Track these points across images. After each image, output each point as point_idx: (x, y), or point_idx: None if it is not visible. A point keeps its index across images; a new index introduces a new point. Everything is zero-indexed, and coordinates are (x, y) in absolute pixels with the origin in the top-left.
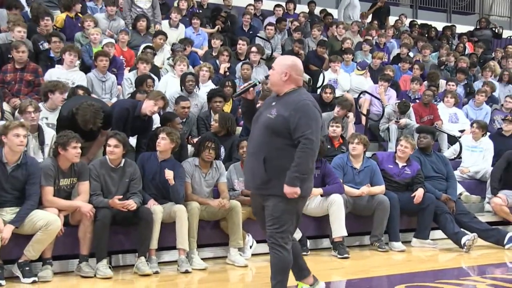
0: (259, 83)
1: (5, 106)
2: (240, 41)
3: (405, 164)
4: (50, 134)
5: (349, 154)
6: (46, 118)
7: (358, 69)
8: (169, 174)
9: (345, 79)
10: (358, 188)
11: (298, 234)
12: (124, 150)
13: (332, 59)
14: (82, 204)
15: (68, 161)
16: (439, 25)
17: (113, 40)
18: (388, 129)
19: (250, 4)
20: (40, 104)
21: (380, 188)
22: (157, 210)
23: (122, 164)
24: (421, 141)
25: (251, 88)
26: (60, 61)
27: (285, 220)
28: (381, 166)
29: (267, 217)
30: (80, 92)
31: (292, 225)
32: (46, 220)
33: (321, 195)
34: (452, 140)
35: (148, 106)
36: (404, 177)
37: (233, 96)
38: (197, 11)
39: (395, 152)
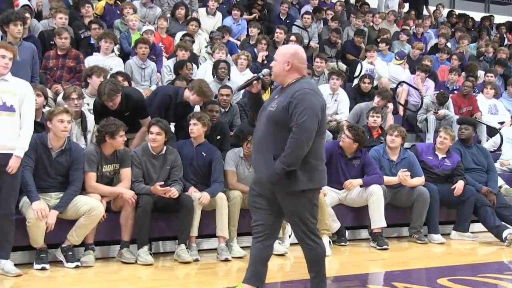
0: (263, 76)
1: (47, 92)
2: (277, 30)
3: (444, 155)
4: (92, 120)
5: (386, 146)
6: (88, 104)
7: (397, 59)
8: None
9: (383, 69)
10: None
11: (336, 224)
12: (166, 138)
13: (368, 48)
14: (124, 191)
15: (113, 148)
16: (477, 15)
17: (152, 28)
18: (426, 120)
19: None
20: (83, 90)
21: (419, 180)
22: (198, 197)
23: (163, 152)
24: (462, 132)
25: (255, 81)
26: (100, 48)
27: (306, 215)
28: (420, 157)
29: (288, 216)
30: (120, 78)
31: (315, 217)
32: (90, 206)
33: (360, 186)
34: (492, 132)
35: (193, 100)
36: (443, 169)
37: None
38: (235, 0)
39: (435, 143)
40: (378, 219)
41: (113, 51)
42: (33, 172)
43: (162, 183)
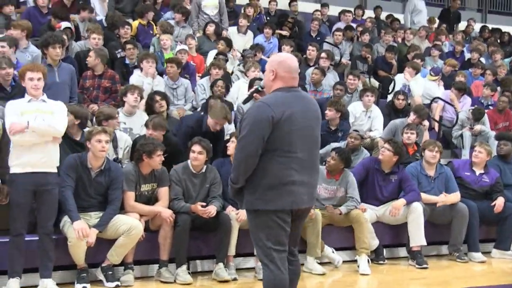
0: (261, 88)
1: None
2: (310, 47)
3: (482, 171)
4: (123, 138)
5: (423, 162)
6: (124, 123)
7: (432, 75)
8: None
9: (418, 85)
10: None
11: (375, 242)
12: (207, 157)
13: (407, 65)
14: (162, 210)
15: (151, 167)
16: (510, 30)
17: (186, 47)
18: (461, 136)
19: (317, 10)
20: (119, 110)
21: (456, 196)
22: (235, 216)
23: (203, 170)
24: (501, 148)
25: (256, 94)
26: (135, 68)
27: (260, 236)
28: (458, 173)
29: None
30: (158, 98)
31: (272, 241)
32: (129, 225)
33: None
34: None
35: (211, 124)
36: (481, 185)
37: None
38: (265, 18)
39: (471, 159)
40: (417, 237)
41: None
42: (73, 192)
43: (204, 204)
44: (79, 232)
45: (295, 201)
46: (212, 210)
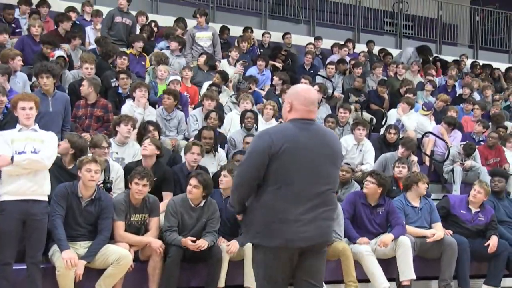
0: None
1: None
2: (302, 79)
3: (478, 209)
4: (115, 168)
5: (407, 194)
6: (116, 153)
7: (424, 109)
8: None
9: (411, 120)
10: (424, 228)
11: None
12: (204, 192)
13: (401, 100)
14: (152, 240)
15: (137, 195)
16: (501, 66)
17: (179, 78)
18: (452, 171)
19: (310, 43)
20: (111, 139)
21: (439, 227)
22: (226, 247)
23: (202, 204)
24: (495, 184)
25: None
26: (128, 97)
27: (257, 272)
28: (453, 211)
29: None
30: (151, 128)
31: (267, 280)
32: (118, 255)
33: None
34: None
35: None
36: (477, 223)
37: None
38: (258, 50)
39: (468, 195)
40: (406, 271)
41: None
42: (63, 221)
43: (194, 238)
44: (68, 261)
45: (292, 239)
46: (202, 244)
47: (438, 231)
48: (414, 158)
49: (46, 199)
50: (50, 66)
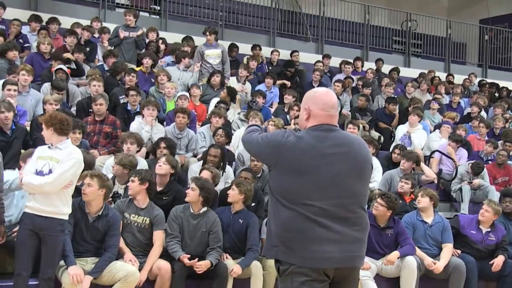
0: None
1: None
2: None
3: (489, 229)
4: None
5: (419, 209)
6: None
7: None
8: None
9: (420, 136)
10: (431, 246)
11: None
12: (202, 196)
13: (411, 112)
14: (162, 266)
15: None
16: (509, 85)
17: (187, 94)
18: (460, 189)
19: (318, 61)
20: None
21: (449, 250)
22: (231, 264)
23: (201, 211)
24: (506, 205)
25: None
26: (137, 114)
27: None
28: (463, 231)
29: None
30: (163, 145)
31: None
32: (126, 272)
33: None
34: None
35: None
36: (487, 244)
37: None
38: (267, 68)
39: (478, 215)
40: None
41: (157, 118)
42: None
43: (189, 256)
44: (74, 277)
45: (312, 258)
46: (202, 266)
47: (444, 257)
48: (424, 167)
49: (63, 217)
50: (80, 123)
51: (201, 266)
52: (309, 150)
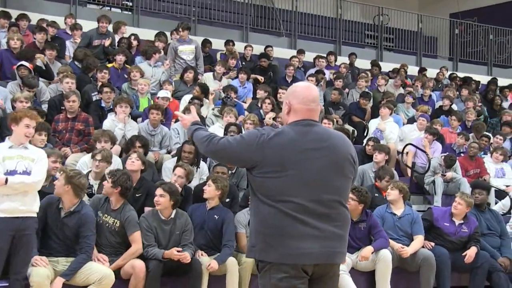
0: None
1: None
2: (280, 90)
3: (462, 221)
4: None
5: (388, 201)
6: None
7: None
8: None
9: (393, 129)
10: (400, 237)
11: None
12: (172, 200)
13: (382, 106)
14: (136, 265)
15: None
16: (480, 78)
17: (168, 94)
18: (433, 182)
19: (294, 56)
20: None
21: (419, 241)
22: (206, 261)
23: (172, 216)
24: (476, 197)
25: None
26: (111, 111)
27: None
28: (437, 223)
29: None
30: (138, 144)
31: None
32: (101, 274)
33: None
34: (499, 195)
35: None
36: (460, 235)
37: None
38: (240, 63)
39: (451, 208)
40: (384, 286)
41: (130, 115)
42: (39, 234)
43: (180, 249)
44: (39, 260)
45: (291, 254)
46: (187, 256)
47: (412, 245)
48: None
49: (35, 215)
50: (46, 125)
51: (186, 256)
52: (290, 146)
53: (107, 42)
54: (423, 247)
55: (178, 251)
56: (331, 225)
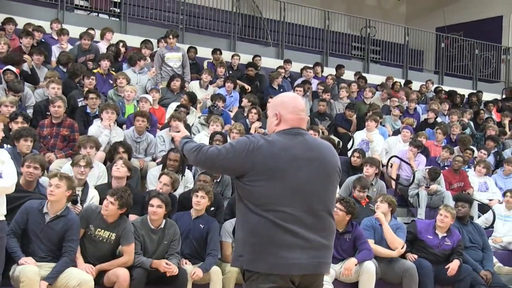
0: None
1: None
2: (269, 99)
3: (445, 234)
4: (92, 194)
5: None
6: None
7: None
8: None
9: (378, 141)
10: (388, 247)
11: None
12: (166, 211)
13: (368, 118)
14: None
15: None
16: (465, 92)
17: (148, 96)
18: (417, 195)
19: (280, 66)
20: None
21: (399, 243)
22: (190, 269)
23: (162, 226)
24: (459, 210)
25: None
26: (96, 117)
27: None
28: (420, 236)
29: None
30: (121, 149)
31: None
32: (79, 280)
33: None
34: (482, 208)
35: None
36: (444, 249)
37: None
38: (227, 72)
39: (435, 220)
40: None
41: (116, 121)
42: (20, 238)
43: (170, 263)
44: (26, 260)
45: (279, 264)
46: (176, 270)
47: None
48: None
49: (3, 218)
50: (32, 131)
51: (172, 270)
52: (280, 154)
53: (91, 57)
54: (404, 257)
55: (167, 264)
56: (318, 235)
